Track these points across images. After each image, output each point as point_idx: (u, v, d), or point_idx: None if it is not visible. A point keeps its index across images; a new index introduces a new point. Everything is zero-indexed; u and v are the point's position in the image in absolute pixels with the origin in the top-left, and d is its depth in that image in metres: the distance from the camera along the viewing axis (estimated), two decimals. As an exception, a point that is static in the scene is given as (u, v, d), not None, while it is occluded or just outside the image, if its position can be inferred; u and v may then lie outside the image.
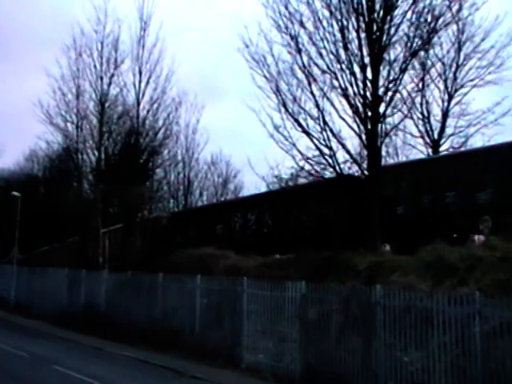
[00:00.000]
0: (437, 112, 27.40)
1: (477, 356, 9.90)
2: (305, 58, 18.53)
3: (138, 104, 30.58)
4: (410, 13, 17.76)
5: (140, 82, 30.60)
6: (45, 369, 14.95)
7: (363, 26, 17.95)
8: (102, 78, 30.78)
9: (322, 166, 18.69)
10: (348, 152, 18.66)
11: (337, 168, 18.42)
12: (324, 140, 18.30)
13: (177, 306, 18.29)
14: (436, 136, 27.24)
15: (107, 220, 30.04)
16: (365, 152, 18.74)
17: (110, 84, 30.79)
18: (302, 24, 18.60)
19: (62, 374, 14.08)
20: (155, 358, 16.30)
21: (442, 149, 26.83)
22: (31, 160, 51.10)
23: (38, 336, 22.01)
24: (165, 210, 38.48)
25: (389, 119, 19.08)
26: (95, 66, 30.88)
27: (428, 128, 27.37)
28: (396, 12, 17.92)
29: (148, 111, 30.62)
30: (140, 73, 30.62)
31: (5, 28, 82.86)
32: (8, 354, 17.25)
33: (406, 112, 20.61)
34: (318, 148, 18.41)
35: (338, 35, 18.16)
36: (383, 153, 22.70)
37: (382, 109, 18.11)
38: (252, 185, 57.91)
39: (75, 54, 31.27)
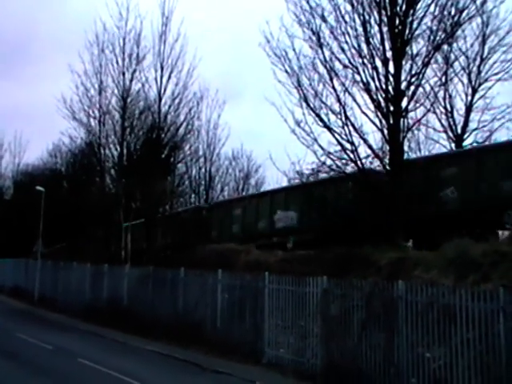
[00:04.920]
0: (460, 106, 27.08)
1: (501, 353, 9.81)
2: (326, 53, 18.47)
3: (160, 99, 30.62)
4: (433, 6, 17.60)
5: (162, 77, 30.62)
6: (69, 361, 15.16)
7: (385, 19, 17.80)
8: (124, 74, 30.96)
9: (344, 161, 18.62)
10: (370, 147, 18.55)
11: (358, 163, 18.32)
12: (345, 135, 18.22)
13: (198, 301, 18.38)
14: (459, 130, 26.91)
15: (129, 215, 30.27)
16: (387, 147, 18.60)
17: (131, 79, 30.94)
18: (323, 18, 18.52)
19: (87, 367, 14.26)
20: (177, 352, 16.42)
21: (465, 143, 26.54)
22: (55, 155, 51.74)
23: (62, 329, 22.31)
24: (187, 205, 38.69)
25: (411, 114, 18.89)
26: (117, 62, 31.07)
27: (451, 122, 27.06)
28: (419, 5, 17.76)
29: (169, 106, 30.63)
30: (162, 68, 30.64)
31: (34, 32, 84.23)
32: (33, 346, 17.51)
33: (428, 106, 20.36)
34: (339, 143, 18.34)
35: (360, 29, 18.06)
36: (406, 148, 22.46)
37: (404, 103, 17.98)
38: (273, 180, 57.99)
39: (98, 50, 31.57)
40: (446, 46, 20.66)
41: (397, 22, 17.77)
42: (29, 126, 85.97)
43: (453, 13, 17.53)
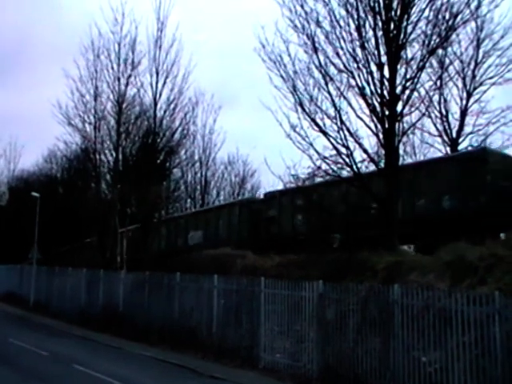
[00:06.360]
0: (455, 110, 27.15)
1: (497, 356, 9.81)
2: (321, 58, 18.45)
3: (155, 104, 30.64)
4: (427, 10, 17.61)
5: (157, 82, 30.65)
6: (65, 367, 15.07)
7: (380, 24, 17.82)
8: (119, 79, 30.93)
9: (339, 166, 18.62)
10: (365, 151, 18.52)
11: (354, 167, 18.33)
12: (341, 139, 18.20)
13: (194, 306, 18.34)
14: (454, 134, 26.96)
15: (125, 220, 30.23)
16: (382, 151, 18.61)
17: (127, 85, 30.92)
18: (318, 23, 18.52)
19: (82, 373, 14.18)
20: (173, 358, 16.37)
21: (460, 147, 26.60)
22: (50, 161, 51.65)
23: (58, 335, 22.22)
24: (182, 210, 38.72)
25: (406, 118, 18.94)
26: (113, 67, 31.04)
27: (446, 126, 27.12)
28: (413, 10, 17.78)
29: (165, 111, 30.64)
30: (157, 73, 30.68)
31: (29, 38, 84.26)
32: (28, 352, 17.41)
33: (423, 110, 20.38)
34: (334, 147, 18.32)
35: (355, 34, 18.07)
36: (401, 152, 22.52)
37: (399, 107, 17.98)
38: (269, 184, 57.95)
39: (93, 56, 31.53)
40: (440, 51, 20.71)
41: (391, 26, 17.80)
42: (24, 131, 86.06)
43: (447, 17, 17.56)
